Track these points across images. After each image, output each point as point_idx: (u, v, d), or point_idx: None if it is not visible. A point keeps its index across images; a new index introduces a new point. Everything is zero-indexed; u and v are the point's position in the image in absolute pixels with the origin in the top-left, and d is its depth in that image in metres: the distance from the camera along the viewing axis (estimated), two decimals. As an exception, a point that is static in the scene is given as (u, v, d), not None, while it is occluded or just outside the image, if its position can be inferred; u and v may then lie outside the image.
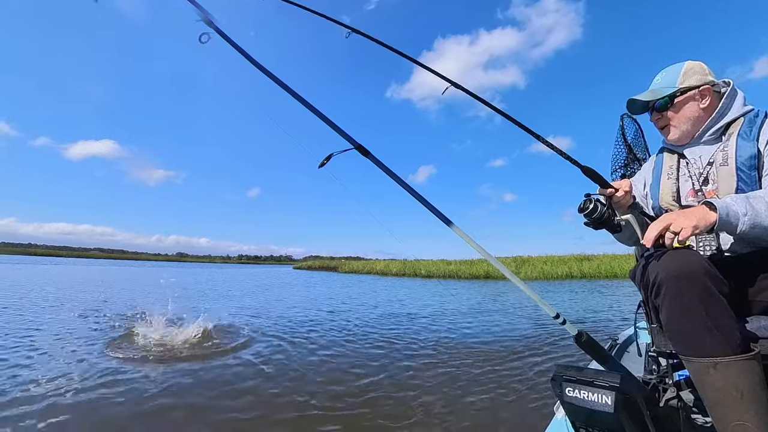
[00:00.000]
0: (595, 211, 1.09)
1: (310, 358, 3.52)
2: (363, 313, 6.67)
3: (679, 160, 1.22)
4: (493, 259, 1.07)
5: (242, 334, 4.48)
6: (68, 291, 9.33)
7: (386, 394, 2.60)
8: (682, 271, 0.85)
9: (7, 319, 5.10)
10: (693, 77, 1.17)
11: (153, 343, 3.80)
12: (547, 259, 21.61)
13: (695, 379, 0.89)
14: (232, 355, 3.57)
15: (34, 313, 5.68)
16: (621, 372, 0.92)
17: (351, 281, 18.46)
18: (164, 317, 4.51)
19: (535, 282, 17.17)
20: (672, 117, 1.20)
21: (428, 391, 2.67)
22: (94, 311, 6.04)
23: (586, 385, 0.88)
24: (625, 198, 1.14)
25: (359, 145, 0.88)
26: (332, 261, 39.75)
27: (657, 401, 1.02)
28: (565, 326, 0.98)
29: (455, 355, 3.69)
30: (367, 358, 3.58)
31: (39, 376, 2.82)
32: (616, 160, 1.55)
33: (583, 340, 0.96)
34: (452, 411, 2.32)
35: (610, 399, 0.84)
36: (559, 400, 0.92)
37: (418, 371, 3.17)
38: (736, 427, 0.81)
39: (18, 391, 2.50)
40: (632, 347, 1.84)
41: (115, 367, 3.07)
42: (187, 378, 2.88)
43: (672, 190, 1.19)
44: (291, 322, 5.54)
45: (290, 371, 3.10)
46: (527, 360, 3.49)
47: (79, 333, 4.33)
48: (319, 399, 2.50)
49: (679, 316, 0.86)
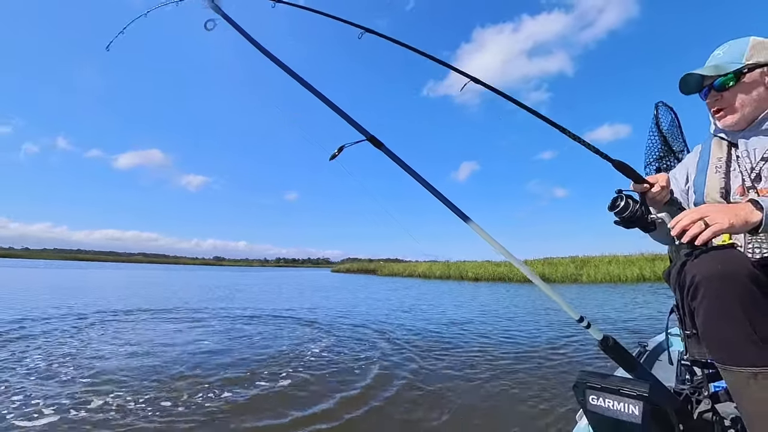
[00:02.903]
0: (626, 209, 1.00)
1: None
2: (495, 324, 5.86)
3: (730, 151, 1.10)
4: (514, 258, 1.01)
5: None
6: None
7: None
8: (724, 272, 0.77)
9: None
10: (762, 53, 1.02)
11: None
12: (611, 259, 19.35)
13: (733, 390, 0.82)
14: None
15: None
16: (650, 380, 0.86)
17: (405, 285, 17.48)
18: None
19: (601, 285, 15.18)
20: (733, 98, 1.05)
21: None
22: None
23: (612, 394, 0.83)
24: (661, 194, 1.05)
25: (372, 137, 0.84)
26: (371, 263, 38.64)
27: (690, 414, 0.95)
28: (590, 330, 0.92)
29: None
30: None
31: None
32: (650, 152, 1.44)
33: (610, 345, 0.90)
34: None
35: (637, 409, 0.79)
36: (582, 408, 0.87)
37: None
38: None
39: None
40: (663, 355, 1.72)
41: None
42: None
43: (720, 185, 1.07)
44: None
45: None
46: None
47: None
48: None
49: (718, 321, 0.79)
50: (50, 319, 5.37)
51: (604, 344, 0.90)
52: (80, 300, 8.09)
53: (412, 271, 28.43)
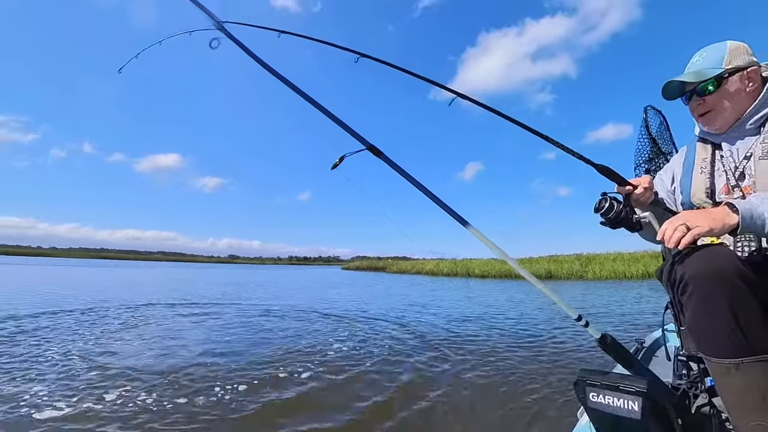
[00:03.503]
0: (611, 210, 1.06)
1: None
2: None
3: (714, 152, 1.12)
4: (510, 259, 1.04)
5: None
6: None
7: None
8: (711, 270, 0.81)
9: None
10: (739, 57, 1.06)
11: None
12: (616, 256, 19.61)
13: (716, 380, 0.86)
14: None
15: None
16: (648, 376, 0.88)
17: (416, 282, 17.87)
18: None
19: (606, 282, 15.37)
20: (715, 102, 1.07)
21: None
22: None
23: (612, 390, 0.85)
24: (644, 195, 1.11)
25: (371, 146, 0.87)
26: (380, 261, 39.27)
27: (688, 408, 0.97)
28: (588, 329, 0.94)
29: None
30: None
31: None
32: (639, 154, 1.48)
33: (608, 342, 0.92)
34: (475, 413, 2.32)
35: (636, 405, 0.81)
36: (583, 406, 0.89)
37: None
38: (756, 427, 0.78)
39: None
40: (660, 351, 1.75)
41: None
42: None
43: (705, 186, 1.10)
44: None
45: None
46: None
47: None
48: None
49: (704, 316, 0.83)
50: (107, 309, 6.27)
51: (602, 342, 0.93)
52: (123, 294, 8.98)
53: (420, 269, 28.73)
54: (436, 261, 28.26)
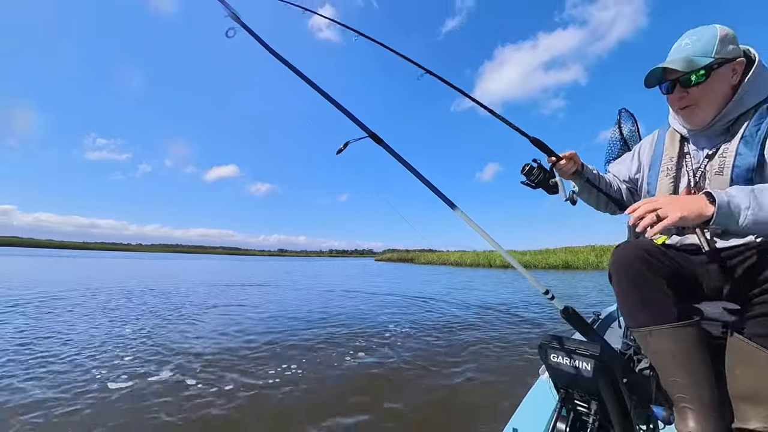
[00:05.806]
0: (530, 173, 1.28)
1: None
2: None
3: (682, 147, 1.10)
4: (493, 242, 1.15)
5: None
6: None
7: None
8: (621, 262, 1.00)
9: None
10: (728, 46, 0.95)
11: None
12: None
13: (641, 345, 1.04)
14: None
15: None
16: (601, 343, 1.02)
17: (445, 271, 19.69)
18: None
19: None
20: (700, 96, 0.98)
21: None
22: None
23: (569, 353, 0.99)
24: (566, 166, 1.27)
25: (373, 133, 0.95)
26: (408, 253, 41.40)
27: (632, 369, 1.12)
28: (554, 302, 1.08)
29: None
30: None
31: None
32: (611, 151, 1.62)
33: (570, 313, 1.06)
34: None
35: (589, 366, 0.95)
36: (545, 365, 1.03)
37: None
38: (672, 383, 0.94)
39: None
40: (614, 323, 2.03)
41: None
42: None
43: (669, 190, 1.11)
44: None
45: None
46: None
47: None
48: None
49: (620, 295, 1.02)
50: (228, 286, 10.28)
51: (565, 313, 1.06)
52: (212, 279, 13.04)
53: (445, 260, 30.74)
54: (459, 252, 29.71)
